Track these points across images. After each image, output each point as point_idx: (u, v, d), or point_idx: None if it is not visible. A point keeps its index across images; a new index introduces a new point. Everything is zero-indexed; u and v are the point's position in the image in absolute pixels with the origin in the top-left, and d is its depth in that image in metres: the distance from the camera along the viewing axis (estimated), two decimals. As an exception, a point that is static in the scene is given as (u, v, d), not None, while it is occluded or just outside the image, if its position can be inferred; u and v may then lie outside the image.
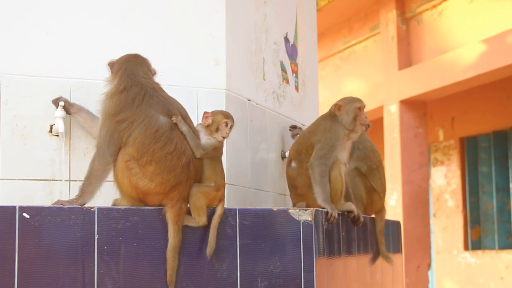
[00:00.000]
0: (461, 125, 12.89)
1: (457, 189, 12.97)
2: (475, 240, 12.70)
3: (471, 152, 12.85)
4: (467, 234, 12.81)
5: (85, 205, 3.55)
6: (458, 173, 12.97)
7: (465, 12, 10.87)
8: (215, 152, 3.76)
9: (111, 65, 3.82)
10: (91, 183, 3.61)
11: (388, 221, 5.54)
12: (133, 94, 3.64)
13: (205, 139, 3.75)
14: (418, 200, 11.59)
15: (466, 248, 12.74)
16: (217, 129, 3.77)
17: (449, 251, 12.98)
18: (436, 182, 13.36)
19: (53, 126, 4.03)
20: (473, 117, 12.59)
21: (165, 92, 3.77)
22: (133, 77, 3.72)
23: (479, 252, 12.47)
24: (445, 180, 13.21)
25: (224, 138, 3.79)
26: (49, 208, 3.48)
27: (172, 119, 3.63)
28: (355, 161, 5.14)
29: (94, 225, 3.51)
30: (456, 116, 12.95)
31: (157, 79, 3.88)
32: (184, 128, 3.64)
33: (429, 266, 11.64)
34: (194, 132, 3.72)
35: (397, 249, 5.94)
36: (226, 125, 3.78)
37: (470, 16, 10.77)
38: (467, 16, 10.84)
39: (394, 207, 11.63)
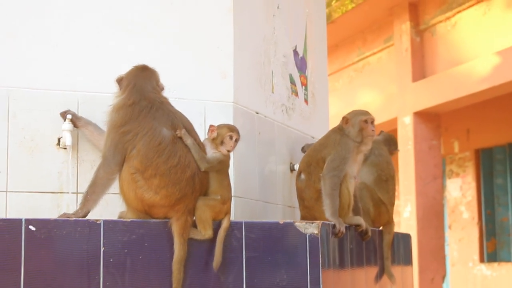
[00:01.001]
0: (477, 137, 12.86)
1: (473, 201, 12.93)
2: (490, 252, 12.65)
3: (486, 164, 12.81)
4: (483, 246, 12.75)
5: (91, 219, 3.56)
6: (473, 185, 12.93)
7: (479, 23, 10.85)
8: (221, 165, 3.76)
9: (119, 80, 3.85)
10: (94, 191, 3.63)
11: (397, 234, 5.50)
12: (140, 108, 3.67)
13: (210, 152, 3.75)
14: (433, 212, 11.56)
15: (481, 260, 12.68)
16: (222, 142, 3.78)
17: (465, 263, 12.92)
18: (451, 194, 13.32)
19: (61, 139, 4.04)
20: (489, 129, 12.54)
21: (172, 106, 3.79)
22: (141, 92, 3.74)
23: (495, 264, 12.41)
24: (461, 192, 13.17)
25: (229, 151, 3.79)
26: (55, 220, 3.50)
27: (176, 132, 3.64)
28: (367, 166, 5.11)
29: (100, 238, 3.52)
30: (471, 128, 12.92)
31: (164, 93, 3.89)
32: (188, 141, 3.65)
33: (443, 278, 11.59)
34: (200, 145, 3.73)
35: (408, 262, 5.90)
36: (231, 138, 3.78)
37: (484, 28, 10.75)
38: (481, 28, 10.81)
39: (408, 219, 11.60)
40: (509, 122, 12.24)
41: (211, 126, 3.81)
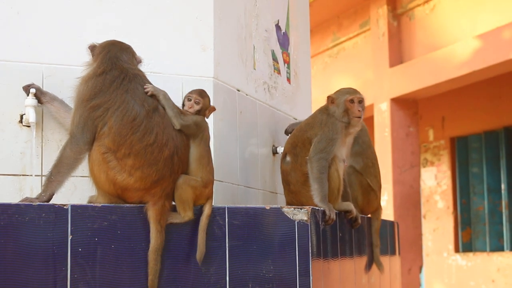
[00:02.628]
0: (452, 125, 12.77)
1: (448, 190, 12.86)
2: (466, 242, 12.59)
3: (462, 152, 12.73)
4: (458, 236, 12.70)
5: (57, 203, 3.23)
6: (448, 174, 12.86)
7: (459, 7, 10.73)
8: (198, 130, 3.48)
9: (92, 48, 3.56)
10: (59, 171, 3.32)
11: (384, 221, 5.28)
12: (112, 78, 3.37)
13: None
14: (410, 201, 11.46)
15: (457, 250, 12.64)
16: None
17: (440, 253, 12.84)
18: (426, 183, 13.22)
19: (24, 116, 3.73)
20: (464, 117, 12.46)
21: (147, 80, 3.50)
22: (115, 61, 3.45)
23: (470, 254, 12.38)
24: (435, 181, 13.08)
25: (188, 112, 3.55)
26: (16, 205, 3.19)
27: (145, 88, 3.36)
28: (352, 156, 4.87)
29: (68, 225, 3.23)
30: (447, 116, 12.82)
31: (141, 67, 3.60)
32: (160, 96, 3.40)
33: (420, 268, 11.47)
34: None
35: (394, 251, 5.67)
36: (189, 100, 3.56)
37: (464, 11, 10.63)
38: (460, 11, 10.69)
39: (385, 208, 11.44)
40: (485, 110, 12.16)
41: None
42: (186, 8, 4.09)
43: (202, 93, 3.57)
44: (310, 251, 3.42)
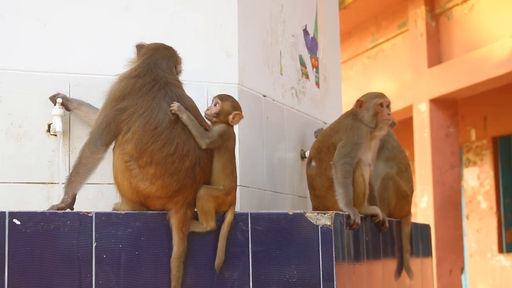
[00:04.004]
0: (494, 124, 12.62)
1: (491, 190, 12.70)
2: (509, 243, 12.45)
3: (504, 152, 12.58)
4: (501, 236, 12.53)
5: (82, 211, 3.27)
6: (491, 173, 12.70)
7: (497, 6, 10.59)
8: (223, 140, 3.44)
9: (139, 47, 3.58)
10: (78, 172, 3.36)
11: (416, 224, 5.24)
12: (143, 82, 3.39)
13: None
14: (450, 201, 11.33)
15: (500, 250, 12.48)
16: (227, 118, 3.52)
17: (483, 254, 12.70)
18: (468, 183, 13.08)
19: (51, 125, 3.76)
20: (506, 116, 12.30)
21: (181, 90, 3.50)
22: (152, 66, 3.47)
23: (514, 255, 12.18)
24: (478, 181, 12.93)
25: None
26: (42, 213, 3.23)
27: (171, 106, 3.35)
28: (384, 162, 4.86)
29: (92, 232, 3.27)
30: (489, 115, 12.68)
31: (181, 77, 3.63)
32: (184, 116, 3.35)
33: (462, 270, 11.35)
34: (202, 123, 3.43)
35: (427, 253, 5.64)
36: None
37: (502, 10, 10.49)
38: (498, 10, 10.55)
39: (424, 209, 11.37)
40: (527, 109, 11.99)
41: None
42: (210, 15, 4.10)
43: (223, 97, 3.52)
44: (333, 255, 3.40)
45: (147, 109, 3.31)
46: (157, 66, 3.47)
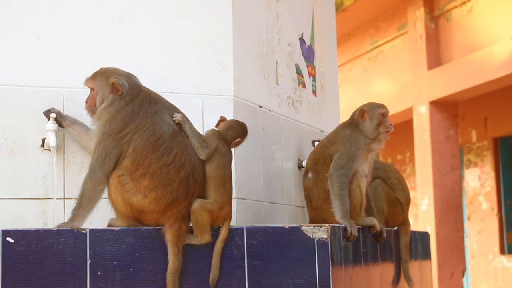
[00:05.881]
0: (494, 125, 12.60)
1: (492, 191, 12.69)
2: (511, 244, 12.41)
3: (505, 152, 12.57)
4: (503, 238, 12.51)
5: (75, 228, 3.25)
6: (492, 174, 12.68)
7: (496, 8, 10.58)
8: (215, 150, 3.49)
9: (118, 86, 3.47)
10: (81, 206, 3.36)
11: (414, 232, 5.21)
12: (139, 102, 3.40)
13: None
14: (451, 204, 11.31)
15: (502, 252, 12.46)
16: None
17: (485, 255, 12.68)
18: (469, 184, 13.07)
19: (45, 140, 3.74)
20: (507, 117, 12.28)
21: (164, 100, 3.52)
22: (136, 86, 3.48)
23: (516, 256, 12.16)
24: (479, 182, 12.92)
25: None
26: (35, 231, 3.22)
27: (174, 116, 3.38)
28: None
29: (86, 249, 3.26)
30: (489, 116, 12.66)
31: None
32: (186, 126, 3.41)
33: (463, 272, 11.34)
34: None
35: (427, 257, 5.61)
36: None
37: (501, 12, 10.48)
38: (498, 12, 10.54)
39: (425, 211, 11.36)
40: (528, 110, 11.97)
41: (221, 117, 3.64)
42: (205, 27, 4.08)
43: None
44: (330, 269, 3.38)
45: (151, 124, 3.34)
46: (138, 84, 3.49)
